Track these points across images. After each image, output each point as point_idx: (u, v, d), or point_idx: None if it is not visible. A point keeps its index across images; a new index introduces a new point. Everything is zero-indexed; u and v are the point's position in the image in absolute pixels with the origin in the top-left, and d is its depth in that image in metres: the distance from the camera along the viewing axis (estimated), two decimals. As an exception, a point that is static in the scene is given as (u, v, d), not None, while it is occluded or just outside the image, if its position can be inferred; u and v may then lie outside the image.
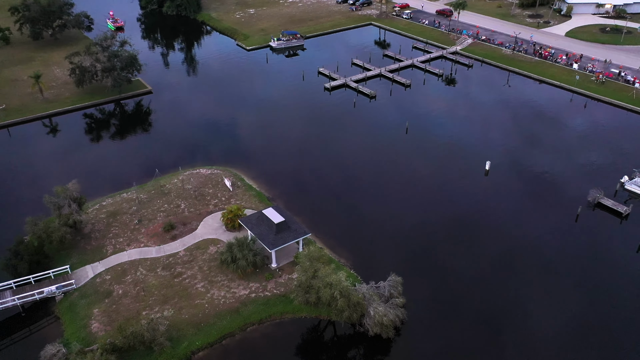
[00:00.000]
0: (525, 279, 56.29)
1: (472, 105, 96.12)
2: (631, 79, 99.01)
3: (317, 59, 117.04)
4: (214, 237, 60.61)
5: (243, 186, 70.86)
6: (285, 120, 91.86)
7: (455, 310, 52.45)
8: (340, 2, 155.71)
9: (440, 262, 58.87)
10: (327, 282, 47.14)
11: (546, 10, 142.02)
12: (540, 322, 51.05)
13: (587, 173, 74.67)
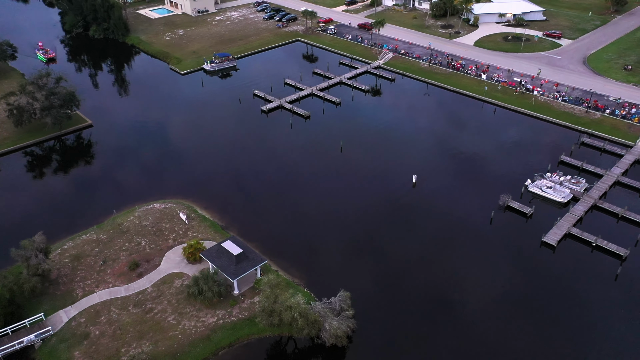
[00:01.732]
0: (453, 277, 66.38)
1: (397, 120, 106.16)
2: (530, 87, 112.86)
3: (251, 80, 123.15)
4: (178, 271, 66.28)
5: (197, 218, 76.57)
6: (228, 145, 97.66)
7: (397, 311, 61.61)
8: (266, 18, 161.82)
9: (382, 270, 67.88)
10: (288, 306, 54.68)
11: (456, 20, 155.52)
12: (473, 306, 61.24)
13: (497, 178, 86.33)
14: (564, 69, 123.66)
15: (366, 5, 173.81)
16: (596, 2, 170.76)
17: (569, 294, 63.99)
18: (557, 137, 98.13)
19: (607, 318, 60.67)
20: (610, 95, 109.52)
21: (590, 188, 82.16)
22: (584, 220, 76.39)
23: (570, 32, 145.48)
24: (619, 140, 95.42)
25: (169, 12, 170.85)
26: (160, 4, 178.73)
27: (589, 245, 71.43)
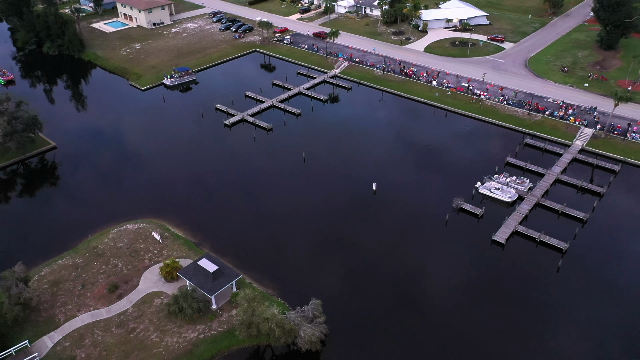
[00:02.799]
0: (415, 277, 72.37)
1: (355, 129, 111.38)
2: (478, 92, 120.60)
3: (212, 94, 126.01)
4: (157, 290, 69.56)
5: (171, 236, 79.78)
6: (195, 161, 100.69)
7: (365, 312, 67.05)
8: (223, 29, 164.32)
9: (349, 275, 73.17)
10: (265, 317, 59.16)
11: (406, 26, 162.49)
12: (434, 302, 67.31)
13: (451, 181, 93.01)
14: (508, 72, 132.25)
15: (320, 13, 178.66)
16: (535, 5, 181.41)
17: (517, 286, 71.01)
18: (503, 140, 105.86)
19: (551, 306, 67.90)
20: (549, 96, 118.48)
21: (533, 187, 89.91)
22: (529, 217, 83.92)
23: (513, 36, 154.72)
24: (558, 140, 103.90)
25: (124, 25, 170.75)
26: (114, 17, 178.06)
27: (533, 241, 78.84)
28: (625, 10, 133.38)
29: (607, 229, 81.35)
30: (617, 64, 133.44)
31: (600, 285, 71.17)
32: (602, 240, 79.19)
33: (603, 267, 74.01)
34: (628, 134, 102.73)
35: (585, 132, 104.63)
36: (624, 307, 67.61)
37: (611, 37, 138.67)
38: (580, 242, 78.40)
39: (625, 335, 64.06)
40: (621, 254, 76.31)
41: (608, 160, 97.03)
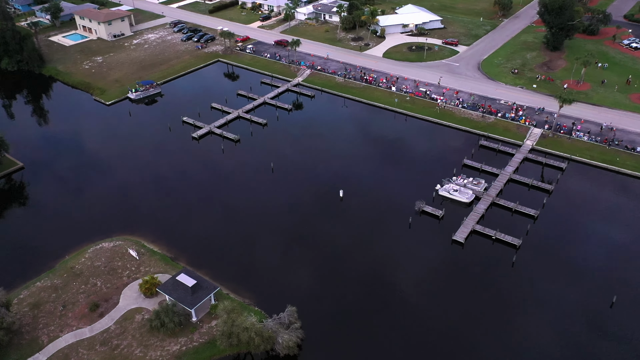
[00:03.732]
0: (383, 279, 77.26)
1: (320, 136, 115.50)
2: (435, 96, 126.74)
3: (178, 106, 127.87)
4: (137, 306, 72.15)
5: (147, 252, 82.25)
6: (165, 176, 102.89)
7: (338, 315, 71.55)
8: (184, 40, 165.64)
9: (320, 280, 77.47)
10: (244, 327, 62.88)
11: (365, 32, 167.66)
12: (402, 300, 72.32)
13: (413, 185, 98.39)
14: (462, 75, 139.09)
15: (280, 20, 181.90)
16: (486, 7, 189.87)
17: (477, 281, 76.87)
18: (459, 142, 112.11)
19: (507, 298, 74.00)
20: (501, 98, 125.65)
21: (489, 187, 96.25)
22: (485, 217, 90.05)
23: (466, 39, 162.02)
24: (511, 141, 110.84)
25: (83, 37, 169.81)
26: (72, 29, 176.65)
27: (490, 239, 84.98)
28: (567, 13, 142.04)
29: (556, 223, 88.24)
30: (563, 64, 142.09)
31: (552, 275, 77.69)
32: (552, 234, 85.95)
33: (553, 260, 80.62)
34: (573, 132, 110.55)
35: (534, 132, 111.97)
36: (575, 294, 74.24)
37: (556, 38, 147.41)
38: (532, 237, 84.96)
39: (576, 319, 70.68)
40: (569, 247, 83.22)
41: (556, 159, 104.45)
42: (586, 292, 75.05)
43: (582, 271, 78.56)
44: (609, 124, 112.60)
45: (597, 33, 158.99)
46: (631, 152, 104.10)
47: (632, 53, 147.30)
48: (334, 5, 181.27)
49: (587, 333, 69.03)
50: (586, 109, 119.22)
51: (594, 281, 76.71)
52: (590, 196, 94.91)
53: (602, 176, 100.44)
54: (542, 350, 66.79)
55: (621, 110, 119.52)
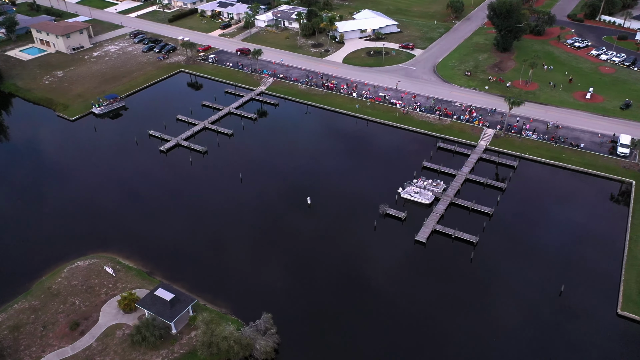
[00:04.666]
0: (351, 281, 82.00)
1: (286, 145, 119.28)
2: (394, 101, 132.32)
3: (143, 119, 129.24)
4: (117, 322, 74.62)
5: (122, 268, 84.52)
6: (134, 190, 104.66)
7: (310, 318, 75.88)
8: (145, 50, 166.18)
9: (292, 286, 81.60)
10: (223, 337, 66.49)
11: (324, 37, 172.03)
12: (370, 299, 77.15)
13: (376, 189, 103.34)
14: (419, 79, 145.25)
15: (241, 28, 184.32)
16: (440, 10, 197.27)
17: (439, 278, 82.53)
18: (419, 145, 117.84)
19: (467, 290, 79.92)
20: (456, 100, 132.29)
21: (447, 188, 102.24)
22: (445, 216, 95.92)
23: (421, 42, 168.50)
24: (466, 142, 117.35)
25: (41, 51, 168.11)
26: (29, 42, 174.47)
27: (449, 237, 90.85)
28: (515, 17, 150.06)
29: (510, 220, 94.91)
30: (512, 65, 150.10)
31: (506, 269, 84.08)
32: (505, 230, 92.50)
33: (508, 254, 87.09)
34: (523, 132, 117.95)
35: (488, 133, 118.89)
36: (527, 284, 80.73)
37: (505, 40, 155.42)
38: (487, 234, 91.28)
39: (528, 307, 77.14)
40: (522, 241, 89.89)
41: (508, 157, 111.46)
42: (538, 282, 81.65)
43: (534, 263, 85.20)
44: (555, 122, 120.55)
45: (543, 33, 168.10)
46: (575, 148, 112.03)
47: (575, 52, 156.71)
48: (293, 12, 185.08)
49: (539, 319, 75.52)
50: (534, 108, 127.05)
51: (544, 272, 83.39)
52: (540, 192, 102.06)
53: (550, 172, 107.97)
54: (501, 336, 72.82)
55: (566, 108, 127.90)
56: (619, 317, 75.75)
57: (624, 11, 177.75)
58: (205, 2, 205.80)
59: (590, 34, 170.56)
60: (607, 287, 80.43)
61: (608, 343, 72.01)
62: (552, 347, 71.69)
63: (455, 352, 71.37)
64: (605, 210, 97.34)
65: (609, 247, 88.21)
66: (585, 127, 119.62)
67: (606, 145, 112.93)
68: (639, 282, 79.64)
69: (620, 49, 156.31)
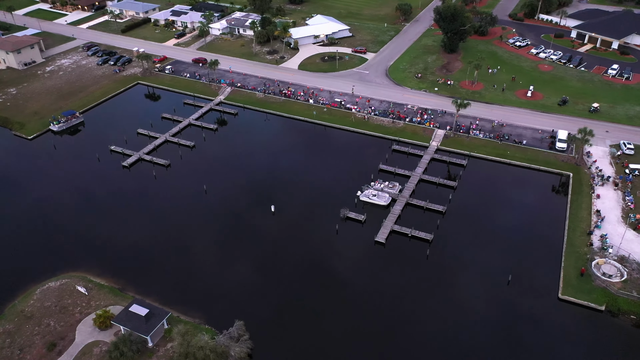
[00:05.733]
0: (316, 283, 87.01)
1: (247, 154, 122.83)
2: (350, 106, 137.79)
3: (104, 135, 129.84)
4: (93, 340, 77.13)
5: (94, 286, 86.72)
6: (99, 207, 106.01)
7: (280, 322, 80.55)
8: (100, 63, 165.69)
9: (260, 292, 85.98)
10: (199, 347, 70.29)
11: (279, 44, 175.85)
12: (334, 298, 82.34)
13: (336, 193, 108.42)
14: (372, 82, 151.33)
15: (195, 37, 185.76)
16: (389, 12, 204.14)
17: (398, 276, 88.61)
18: (374, 148, 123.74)
19: (425, 285, 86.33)
20: (408, 103, 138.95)
21: (402, 189, 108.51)
22: (402, 216, 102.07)
23: (373, 46, 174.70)
24: (419, 143, 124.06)
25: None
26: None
27: (406, 236, 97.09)
28: (459, 20, 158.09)
29: (461, 216, 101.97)
30: (459, 65, 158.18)
31: (460, 263, 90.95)
32: (457, 227, 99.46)
33: (460, 249, 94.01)
34: (470, 131, 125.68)
35: (438, 134, 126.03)
36: (479, 275, 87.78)
37: (452, 42, 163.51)
38: (441, 231, 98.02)
39: (480, 296, 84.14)
40: (473, 236, 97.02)
41: (458, 157, 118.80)
42: (488, 273, 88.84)
43: (484, 256, 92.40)
44: (499, 120, 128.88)
45: (487, 34, 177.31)
46: (519, 145, 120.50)
47: (516, 51, 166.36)
48: (247, 19, 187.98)
49: (490, 307, 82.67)
50: (481, 108, 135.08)
51: (494, 263, 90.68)
52: (488, 188, 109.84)
53: (497, 169, 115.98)
54: (457, 325, 79.51)
55: (509, 106, 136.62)
56: (560, 301, 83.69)
57: (559, 10, 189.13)
58: (158, 11, 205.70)
59: (530, 32, 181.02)
60: (549, 274, 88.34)
61: (551, 325, 79.70)
62: (503, 331, 78.89)
63: (417, 339, 77.51)
64: (547, 202, 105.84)
65: (551, 236, 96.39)
66: (527, 124, 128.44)
67: (546, 140, 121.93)
68: (576, 268, 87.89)
69: (557, 47, 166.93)
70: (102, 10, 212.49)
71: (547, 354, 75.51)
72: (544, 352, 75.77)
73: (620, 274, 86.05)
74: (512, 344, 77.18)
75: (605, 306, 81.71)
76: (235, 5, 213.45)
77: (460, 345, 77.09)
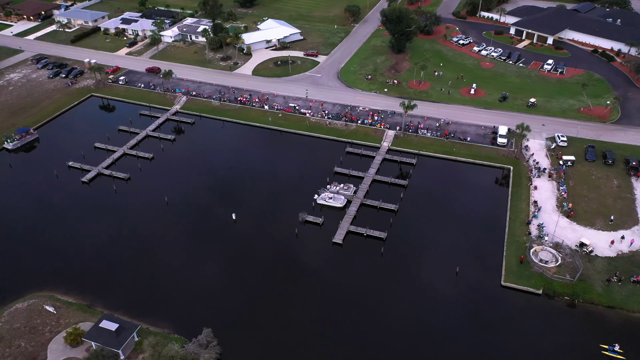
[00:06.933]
0: (279, 286, 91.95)
1: (207, 163, 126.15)
2: (304, 110, 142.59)
3: (60, 151, 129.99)
4: (66, 357, 79.77)
5: (63, 305, 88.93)
6: (61, 225, 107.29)
7: (247, 326, 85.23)
8: (51, 76, 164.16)
9: (225, 298, 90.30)
10: (170, 356, 74.29)
11: (232, 50, 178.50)
12: (298, 298, 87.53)
13: (295, 198, 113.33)
14: (324, 86, 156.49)
15: (147, 45, 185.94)
16: (339, 14, 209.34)
17: (355, 274, 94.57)
18: (329, 152, 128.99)
19: (380, 280, 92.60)
20: (359, 105, 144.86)
21: (357, 190, 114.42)
22: (357, 217, 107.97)
23: (324, 48, 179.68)
24: (371, 145, 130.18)
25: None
26: None
27: (362, 236, 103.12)
28: (405, 21, 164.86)
29: (412, 213, 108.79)
30: (407, 65, 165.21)
31: (412, 258, 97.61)
32: (409, 224, 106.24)
33: (412, 244, 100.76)
34: (419, 130, 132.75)
35: (389, 134, 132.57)
36: (430, 268, 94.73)
37: (399, 42, 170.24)
38: (394, 229, 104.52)
39: (431, 287, 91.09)
40: (424, 231, 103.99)
41: (408, 156, 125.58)
42: (438, 266, 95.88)
43: (434, 250, 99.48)
44: (445, 119, 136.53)
45: (432, 33, 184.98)
46: (464, 142, 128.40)
47: (460, 49, 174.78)
48: (198, 25, 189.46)
49: (440, 297, 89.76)
50: (428, 107, 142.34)
51: (443, 256, 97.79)
52: (436, 185, 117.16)
53: (444, 166, 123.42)
54: (412, 316, 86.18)
55: (455, 104, 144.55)
56: (503, 287, 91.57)
57: (499, 7, 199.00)
58: (107, 19, 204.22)
59: (472, 30, 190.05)
60: (493, 263, 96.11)
61: (495, 310, 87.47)
62: (452, 318, 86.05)
63: (375, 329, 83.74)
64: (490, 195, 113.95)
65: (494, 227, 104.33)
66: (471, 121, 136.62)
67: (488, 136, 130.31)
68: (517, 257, 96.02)
69: (497, 44, 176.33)
70: (49, 20, 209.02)
71: (493, 336, 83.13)
72: (490, 335, 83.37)
73: (556, 260, 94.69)
74: (462, 329, 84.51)
75: (542, 290, 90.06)
76: (187, 11, 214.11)
77: (415, 333, 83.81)
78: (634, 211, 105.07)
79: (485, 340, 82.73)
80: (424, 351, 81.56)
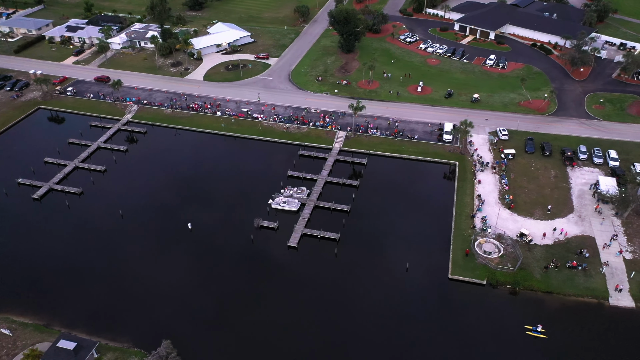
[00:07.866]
0: (234, 291, 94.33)
1: (161, 173, 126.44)
2: (256, 115, 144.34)
3: (8, 167, 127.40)
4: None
5: (19, 326, 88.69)
6: (12, 245, 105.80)
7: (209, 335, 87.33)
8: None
9: (185, 309, 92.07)
10: (130, 371, 75.84)
11: (183, 55, 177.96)
12: (260, 301, 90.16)
13: (249, 204, 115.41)
14: (276, 89, 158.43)
15: (95, 53, 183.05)
16: (289, 14, 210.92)
17: (310, 275, 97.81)
18: (283, 155, 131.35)
19: (334, 280, 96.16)
20: (311, 107, 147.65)
21: (310, 193, 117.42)
22: (311, 220, 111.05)
23: (275, 50, 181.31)
24: (323, 147, 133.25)
25: None
26: None
27: (317, 238, 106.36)
28: (353, 22, 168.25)
29: (364, 213, 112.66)
30: (357, 65, 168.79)
31: (364, 256, 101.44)
32: (361, 223, 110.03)
33: (364, 244, 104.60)
34: (369, 130, 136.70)
35: (340, 135, 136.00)
36: (382, 265, 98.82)
37: (348, 42, 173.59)
38: (347, 229, 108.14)
39: (383, 283, 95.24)
40: (375, 230, 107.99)
41: (359, 156, 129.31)
42: (389, 263, 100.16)
43: (385, 247, 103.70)
44: (394, 118, 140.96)
45: (380, 31, 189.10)
46: (412, 139, 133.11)
47: (407, 47, 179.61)
48: (147, 31, 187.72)
49: (391, 293, 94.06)
50: (377, 106, 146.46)
51: (394, 253, 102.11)
52: (386, 183, 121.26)
53: (394, 164, 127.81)
54: (365, 311, 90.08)
55: (403, 102, 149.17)
56: (450, 280, 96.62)
57: (443, 4, 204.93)
58: (52, 27, 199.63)
59: (419, 27, 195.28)
60: (440, 257, 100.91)
61: (443, 302, 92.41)
62: (403, 312, 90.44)
63: (332, 328, 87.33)
64: (437, 191, 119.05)
65: (441, 222, 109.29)
66: (419, 118, 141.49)
67: (435, 133, 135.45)
68: (462, 250, 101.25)
69: (443, 40, 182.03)
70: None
71: (441, 326, 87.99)
72: (438, 325, 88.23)
73: (498, 250, 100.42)
74: (412, 321, 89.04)
75: (486, 280, 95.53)
76: (134, 16, 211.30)
77: (370, 328, 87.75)
78: (569, 199, 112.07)
79: (434, 332, 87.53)
80: (381, 344, 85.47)
